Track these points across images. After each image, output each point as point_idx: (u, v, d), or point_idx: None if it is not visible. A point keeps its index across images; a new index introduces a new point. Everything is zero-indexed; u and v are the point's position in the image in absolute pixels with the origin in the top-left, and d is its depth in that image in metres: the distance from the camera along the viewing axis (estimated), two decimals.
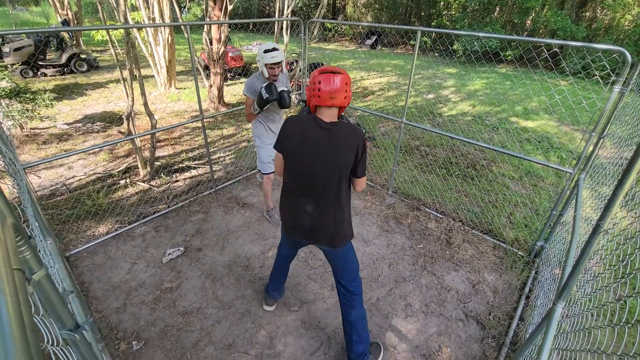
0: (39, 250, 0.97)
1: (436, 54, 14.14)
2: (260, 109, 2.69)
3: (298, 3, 18.05)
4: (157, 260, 2.87)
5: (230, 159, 4.64)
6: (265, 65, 2.59)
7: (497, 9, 14.53)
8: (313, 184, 1.69)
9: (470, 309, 2.54)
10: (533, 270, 2.88)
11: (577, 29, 12.20)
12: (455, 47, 13.45)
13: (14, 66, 8.00)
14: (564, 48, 11.68)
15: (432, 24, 17.14)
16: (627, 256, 0.93)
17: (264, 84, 2.61)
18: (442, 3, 17.07)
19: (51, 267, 1.32)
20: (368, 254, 3.02)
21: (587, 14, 13.56)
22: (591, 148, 2.53)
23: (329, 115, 1.63)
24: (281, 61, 2.61)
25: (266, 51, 2.54)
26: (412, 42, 15.40)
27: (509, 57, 12.18)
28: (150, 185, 3.89)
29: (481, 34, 2.71)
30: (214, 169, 4.07)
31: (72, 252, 2.88)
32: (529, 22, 13.97)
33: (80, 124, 5.67)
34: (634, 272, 0.89)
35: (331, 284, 2.70)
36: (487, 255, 3.07)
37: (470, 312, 2.51)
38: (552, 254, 2.71)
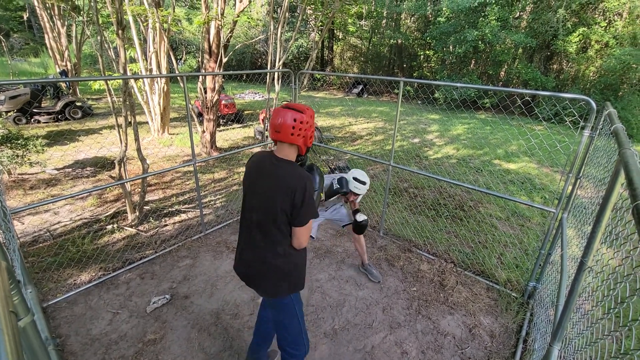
0: None
1: (419, 102, 14.98)
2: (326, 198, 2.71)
3: (289, 56, 19.27)
4: (141, 310, 2.73)
5: (221, 202, 4.64)
6: (351, 190, 2.68)
7: (473, 62, 15.77)
8: (254, 221, 1.61)
9: (468, 355, 2.45)
10: (528, 312, 2.84)
11: (547, 79, 13.25)
12: (436, 95, 14.33)
13: (8, 113, 8.11)
14: (536, 97, 12.58)
15: (414, 74, 18.39)
16: (611, 291, 0.96)
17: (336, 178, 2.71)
18: (422, 56, 18.47)
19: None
20: (361, 298, 2.95)
21: (555, 66, 14.82)
22: (570, 188, 2.65)
23: (282, 152, 1.57)
24: (359, 195, 2.74)
25: (357, 180, 2.66)
26: (396, 91, 16.37)
27: (487, 105, 12.99)
28: (138, 230, 3.82)
29: (459, 84, 2.94)
30: (204, 213, 4.04)
31: (50, 303, 2.73)
32: (502, 73, 15.13)
33: (70, 169, 5.65)
34: (617, 307, 0.91)
35: (324, 331, 2.59)
36: (481, 297, 3.02)
37: (468, 359, 2.42)
38: (545, 294, 2.70)
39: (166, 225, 3.99)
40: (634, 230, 0.75)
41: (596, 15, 13.26)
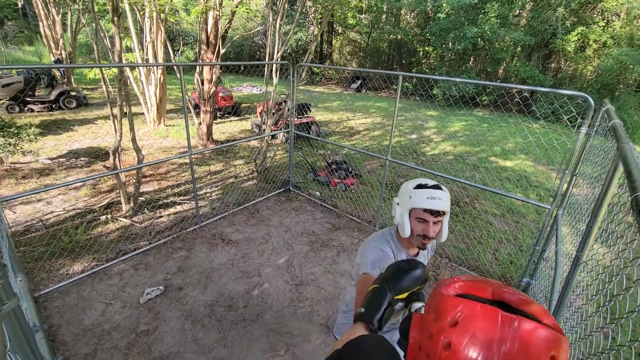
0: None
1: (417, 98, 14.95)
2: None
3: (287, 49, 19.10)
4: (135, 301, 2.71)
5: (216, 194, 4.61)
6: (412, 211, 1.26)
7: (472, 59, 15.73)
8: None
9: None
10: None
11: (545, 78, 13.26)
12: (435, 91, 14.31)
13: (1, 102, 7.97)
14: (534, 94, 12.60)
15: (413, 70, 18.32)
16: (606, 284, 0.96)
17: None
18: (421, 52, 18.39)
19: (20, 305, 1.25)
20: None
21: (553, 65, 14.83)
22: (565, 186, 2.65)
23: None
24: (445, 212, 1.24)
25: (420, 186, 1.24)
26: (394, 87, 16.32)
27: (485, 102, 13.00)
28: (132, 221, 3.79)
29: (457, 79, 2.93)
30: (199, 205, 4.02)
31: (42, 292, 2.70)
32: (501, 71, 15.11)
33: (64, 159, 5.58)
34: (609, 303, 0.91)
35: (319, 323, 2.59)
36: None
37: None
38: (538, 290, 2.72)
39: (161, 216, 3.96)
40: (631, 223, 0.74)
41: (595, 15, 13.26)
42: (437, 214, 1.21)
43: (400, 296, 0.75)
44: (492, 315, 0.44)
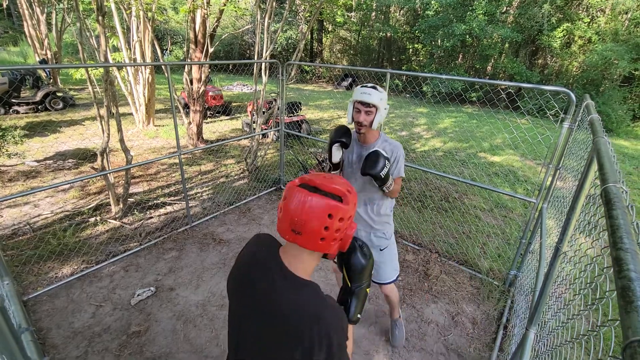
0: None
1: (407, 95, 15.05)
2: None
3: (277, 47, 19.03)
4: (125, 302, 2.70)
5: (207, 194, 4.59)
6: (354, 104, 1.74)
7: (460, 56, 15.90)
8: None
9: (450, 342, 2.52)
10: (509, 299, 2.93)
11: (531, 74, 13.48)
12: (424, 89, 14.42)
13: None
14: (521, 91, 12.79)
15: (403, 68, 18.44)
16: (581, 273, 1.00)
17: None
18: (410, 50, 18.51)
19: (7, 308, 1.24)
20: None
21: (539, 61, 15.08)
22: (550, 179, 2.72)
23: (296, 261, 0.90)
24: (375, 106, 1.69)
25: (360, 86, 1.73)
26: (384, 84, 16.30)
27: (473, 98, 13.16)
28: (122, 222, 3.75)
29: (444, 76, 2.97)
30: (190, 205, 4.00)
31: (30, 296, 2.67)
32: (489, 67, 15.30)
33: (51, 161, 5.49)
34: (583, 290, 0.95)
35: None
36: (464, 286, 3.10)
37: (450, 345, 2.49)
38: (525, 281, 2.78)
39: (151, 217, 3.93)
40: (603, 213, 0.78)
41: (580, 11, 13.50)
42: (367, 105, 1.69)
43: (337, 143, 1.78)
44: (298, 190, 0.85)
